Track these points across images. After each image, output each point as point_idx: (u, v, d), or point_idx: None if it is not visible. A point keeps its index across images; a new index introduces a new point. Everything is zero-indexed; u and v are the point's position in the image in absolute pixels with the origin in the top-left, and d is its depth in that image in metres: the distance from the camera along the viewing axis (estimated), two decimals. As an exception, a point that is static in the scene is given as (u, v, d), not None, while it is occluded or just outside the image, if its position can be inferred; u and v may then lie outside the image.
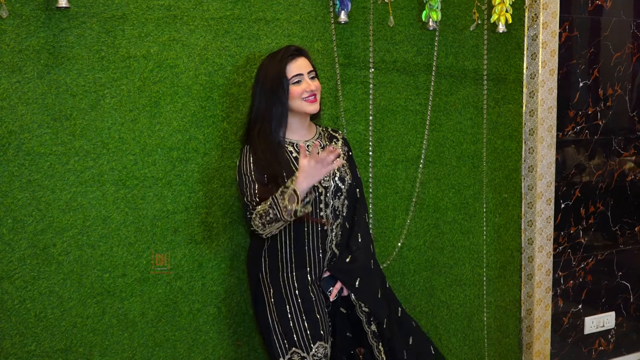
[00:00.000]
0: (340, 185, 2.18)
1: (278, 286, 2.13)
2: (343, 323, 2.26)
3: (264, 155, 2.07)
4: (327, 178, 2.14)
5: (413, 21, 2.66)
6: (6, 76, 2.01)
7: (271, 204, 1.96)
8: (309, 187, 1.94)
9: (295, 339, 2.08)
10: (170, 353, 2.32)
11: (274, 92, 2.08)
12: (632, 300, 3.46)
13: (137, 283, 2.24)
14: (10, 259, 2.06)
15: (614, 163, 3.30)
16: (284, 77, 2.07)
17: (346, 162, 2.24)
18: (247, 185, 2.06)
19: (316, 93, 2.12)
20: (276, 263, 2.13)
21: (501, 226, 3.00)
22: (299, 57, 2.11)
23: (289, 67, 2.08)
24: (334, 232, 2.19)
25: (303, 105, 2.10)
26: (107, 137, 2.16)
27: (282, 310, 2.10)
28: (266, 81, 2.09)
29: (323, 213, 2.14)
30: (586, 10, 3.10)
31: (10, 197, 2.05)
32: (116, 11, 2.13)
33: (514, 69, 2.92)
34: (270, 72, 2.09)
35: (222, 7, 2.29)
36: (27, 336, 2.11)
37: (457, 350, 2.95)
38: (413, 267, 2.79)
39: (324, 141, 2.24)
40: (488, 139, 2.90)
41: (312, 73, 2.13)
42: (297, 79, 2.09)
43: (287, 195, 1.93)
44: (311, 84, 2.10)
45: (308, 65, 2.13)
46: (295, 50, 2.12)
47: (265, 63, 2.13)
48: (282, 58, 2.09)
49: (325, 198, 2.14)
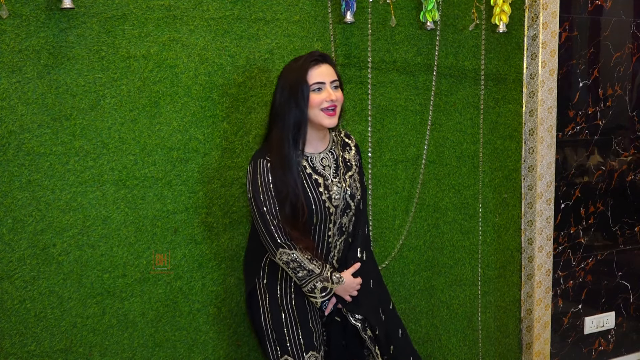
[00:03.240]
0: (350, 203, 2.13)
1: (275, 293, 2.11)
2: (337, 332, 2.24)
3: (281, 170, 1.99)
4: (337, 197, 2.08)
5: (413, 21, 2.66)
6: (6, 76, 2.01)
7: (310, 272, 2.02)
8: (337, 294, 2.11)
9: (288, 346, 2.07)
10: (170, 353, 2.32)
11: (294, 98, 1.96)
12: (632, 300, 3.46)
13: (137, 283, 2.24)
14: (10, 259, 2.06)
15: (614, 163, 3.30)
16: (304, 83, 1.96)
17: (357, 174, 2.18)
18: (266, 201, 1.99)
19: (337, 104, 2.00)
20: (277, 272, 2.11)
21: (501, 226, 3.00)
22: (323, 64, 1.99)
23: (310, 73, 1.97)
24: (337, 249, 2.16)
25: (320, 116, 1.99)
26: (107, 137, 2.16)
27: (278, 318, 2.08)
28: (286, 86, 1.99)
29: (331, 232, 2.11)
30: (586, 10, 3.10)
31: (10, 197, 2.05)
32: (116, 11, 2.13)
33: (513, 69, 2.92)
34: (291, 77, 1.98)
35: (222, 7, 2.29)
36: (27, 336, 2.11)
37: (457, 350, 2.95)
38: (413, 267, 2.79)
39: (337, 150, 2.14)
40: (488, 139, 2.90)
41: (335, 82, 2.01)
42: (317, 87, 1.97)
43: (324, 284, 2.04)
44: (332, 94, 1.98)
45: (332, 74, 2.01)
46: (319, 55, 2.00)
47: (287, 67, 2.03)
48: (304, 63, 1.98)
49: (334, 217, 2.10)
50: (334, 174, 2.10)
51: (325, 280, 2.04)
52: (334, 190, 2.08)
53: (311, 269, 2.02)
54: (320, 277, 2.03)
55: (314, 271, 2.02)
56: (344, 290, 2.11)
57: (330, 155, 2.12)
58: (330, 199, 2.07)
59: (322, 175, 2.08)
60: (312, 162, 2.07)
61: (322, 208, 2.05)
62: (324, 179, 2.07)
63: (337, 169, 2.11)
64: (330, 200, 2.07)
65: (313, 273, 2.02)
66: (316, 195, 2.04)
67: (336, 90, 2.02)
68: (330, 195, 2.07)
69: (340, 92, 2.03)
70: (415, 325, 2.83)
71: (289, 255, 2.00)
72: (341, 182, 2.10)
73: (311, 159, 2.08)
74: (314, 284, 2.03)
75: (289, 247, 2.00)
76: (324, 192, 2.06)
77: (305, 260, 2.01)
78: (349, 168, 2.15)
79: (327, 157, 2.11)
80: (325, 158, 2.10)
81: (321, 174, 2.08)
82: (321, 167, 2.08)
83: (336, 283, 2.06)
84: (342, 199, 2.10)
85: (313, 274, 2.02)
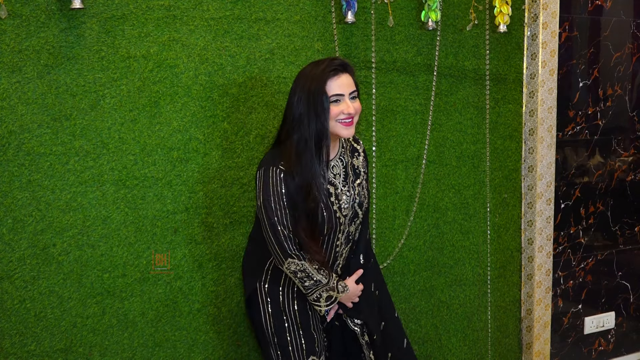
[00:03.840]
0: (358, 211, 2.12)
1: (277, 298, 2.09)
2: (337, 337, 2.24)
3: (303, 181, 1.92)
4: (346, 206, 2.06)
5: (413, 21, 2.66)
6: (6, 76, 2.01)
7: (317, 282, 2.01)
8: (341, 301, 2.12)
9: (290, 351, 2.06)
10: (170, 353, 2.32)
11: (314, 108, 1.90)
12: (632, 300, 3.46)
13: (137, 283, 2.24)
14: (10, 259, 2.06)
15: (614, 163, 3.30)
16: (324, 94, 1.89)
17: (365, 182, 2.16)
18: (277, 211, 1.94)
19: (354, 116, 1.95)
20: (279, 277, 2.09)
21: (501, 226, 3.00)
22: (343, 74, 1.92)
23: (330, 84, 1.90)
24: (342, 257, 2.16)
25: (337, 127, 1.94)
26: (107, 137, 2.16)
27: (280, 324, 2.07)
28: (304, 93, 1.91)
29: (338, 242, 2.10)
30: (586, 10, 3.10)
31: (10, 197, 2.05)
32: (116, 11, 2.13)
33: (513, 69, 2.92)
34: (311, 86, 1.90)
35: (222, 7, 2.29)
36: (27, 336, 2.10)
37: (457, 351, 2.95)
38: (413, 267, 2.79)
39: (347, 157, 2.11)
40: (488, 139, 2.89)
41: (353, 93, 1.95)
42: (336, 98, 1.91)
43: (329, 293, 2.03)
44: (350, 106, 1.93)
45: (351, 84, 1.94)
46: (339, 65, 1.92)
47: (306, 72, 1.94)
48: (323, 71, 1.90)
49: (342, 227, 2.08)
50: (344, 183, 2.08)
51: (332, 290, 2.03)
52: (344, 199, 2.06)
53: (318, 279, 2.01)
54: (327, 286, 2.02)
55: (321, 281, 2.01)
56: (347, 298, 2.12)
57: (340, 162, 2.08)
58: (340, 209, 2.05)
59: (332, 184, 2.04)
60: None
61: (332, 218, 2.03)
62: (334, 187, 2.05)
63: (347, 177, 2.09)
64: (340, 210, 2.05)
65: (320, 283, 2.01)
66: (328, 206, 2.01)
67: (354, 101, 1.95)
68: (340, 205, 2.05)
69: (358, 103, 1.97)
70: (415, 325, 2.83)
71: (298, 265, 1.98)
72: (350, 191, 2.08)
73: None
74: (320, 293, 2.02)
75: (299, 258, 1.98)
76: (334, 202, 2.04)
77: (314, 270, 2.00)
78: (358, 175, 2.13)
79: (337, 165, 2.07)
80: (335, 166, 2.07)
81: (332, 183, 2.04)
82: (332, 176, 2.05)
83: (341, 292, 2.06)
84: (351, 208, 2.08)
85: (320, 284, 2.01)
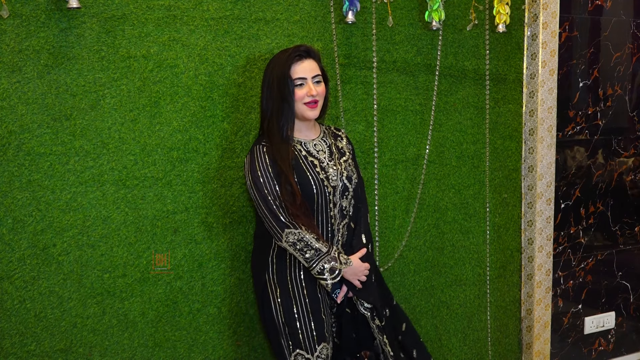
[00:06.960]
0: (348, 185, 2.18)
1: (285, 286, 2.12)
2: (348, 324, 2.25)
3: (277, 153, 2.07)
4: (334, 177, 2.15)
5: (413, 21, 2.66)
6: (6, 76, 2.01)
7: (317, 251, 2.04)
8: (346, 279, 2.13)
9: (301, 338, 2.08)
10: (170, 353, 2.32)
11: (280, 91, 2.06)
12: (632, 300, 3.46)
13: (137, 283, 2.24)
14: (10, 259, 2.06)
15: (614, 163, 3.30)
16: (288, 78, 2.06)
17: (352, 159, 2.25)
18: (266, 183, 2.05)
19: (318, 99, 2.10)
20: (284, 263, 2.13)
21: (501, 226, 3.00)
22: (306, 59, 2.08)
23: (293, 68, 2.06)
24: (340, 232, 2.19)
25: (303, 109, 2.10)
26: (107, 137, 2.16)
27: (290, 311, 2.10)
28: (272, 79, 2.08)
29: (332, 212, 2.15)
30: (586, 10, 3.10)
31: (10, 197, 2.05)
32: (116, 11, 2.13)
33: (513, 69, 2.92)
34: (276, 71, 2.07)
35: (222, 7, 2.29)
36: (27, 336, 2.11)
37: (457, 351, 2.95)
38: (413, 267, 2.79)
39: (329, 139, 2.23)
40: (488, 139, 2.89)
41: (317, 77, 2.10)
42: (299, 82, 2.07)
43: (332, 264, 2.05)
44: (313, 89, 2.08)
45: (314, 69, 2.10)
46: (304, 51, 2.09)
47: (274, 60, 2.11)
48: (288, 57, 2.07)
49: (333, 198, 2.14)
50: (329, 158, 2.17)
51: (334, 260, 2.06)
52: (331, 172, 2.15)
53: (318, 247, 2.04)
54: (328, 256, 2.05)
55: (321, 250, 2.05)
56: (353, 274, 2.12)
57: (323, 142, 2.21)
58: (328, 179, 2.13)
59: (317, 158, 2.15)
60: (306, 146, 2.16)
61: (321, 187, 2.10)
62: (319, 161, 2.15)
63: (332, 154, 2.19)
64: (327, 180, 2.13)
65: (320, 252, 2.05)
66: (314, 175, 2.10)
67: (318, 85, 2.10)
68: (327, 175, 2.13)
69: (322, 86, 2.12)
70: (415, 325, 2.82)
71: (295, 234, 2.03)
72: (337, 165, 2.17)
73: (305, 144, 2.16)
74: (323, 265, 2.05)
75: (294, 226, 2.03)
76: (320, 172, 2.12)
77: (312, 239, 2.04)
78: (343, 154, 2.23)
79: (320, 144, 2.20)
80: (318, 144, 2.19)
81: (316, 157, 2.15)
82: (315, 152, 2.16)
83: (344, 264, 2.08)
84: (340, 180, 2.16)
85: (321, 253, 2.05)
